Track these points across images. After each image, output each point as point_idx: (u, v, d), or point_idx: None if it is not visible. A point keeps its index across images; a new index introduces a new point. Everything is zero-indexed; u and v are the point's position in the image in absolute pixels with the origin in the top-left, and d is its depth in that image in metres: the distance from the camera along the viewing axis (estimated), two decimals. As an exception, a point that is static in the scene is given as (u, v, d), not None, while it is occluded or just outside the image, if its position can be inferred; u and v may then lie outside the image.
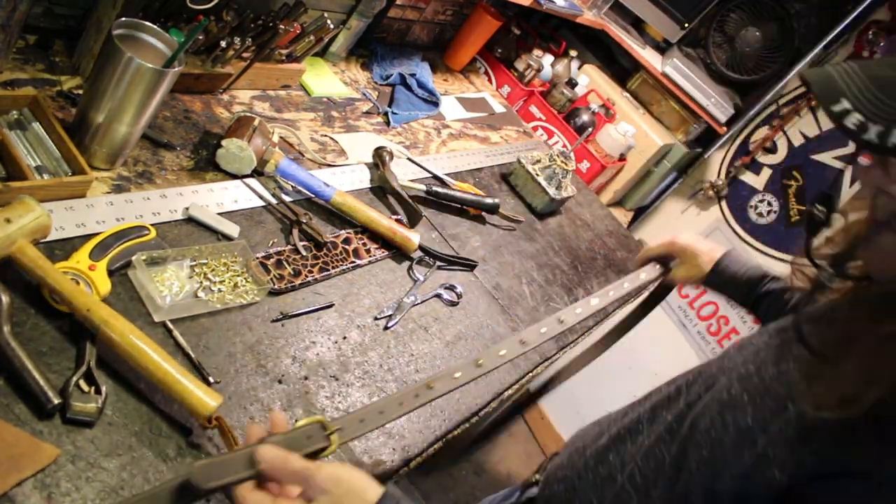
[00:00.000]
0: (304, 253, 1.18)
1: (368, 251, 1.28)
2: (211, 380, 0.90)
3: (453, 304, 1.33)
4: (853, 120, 0.58)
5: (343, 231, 1.29)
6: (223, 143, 1.20)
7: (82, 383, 0.79)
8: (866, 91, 0.58)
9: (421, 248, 1.35)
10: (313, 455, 0.70)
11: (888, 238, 0.64)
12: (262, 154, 1.24)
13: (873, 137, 0.57)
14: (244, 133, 1.22)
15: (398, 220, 1.40)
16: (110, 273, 0.91)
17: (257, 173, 1.25)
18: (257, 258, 1.08)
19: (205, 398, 0.83)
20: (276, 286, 1.07)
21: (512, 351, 0.95)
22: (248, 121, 1.25)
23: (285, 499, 0.65)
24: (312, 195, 1.29)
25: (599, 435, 0.91)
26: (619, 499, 0.82)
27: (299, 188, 1.28)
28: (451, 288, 1.36)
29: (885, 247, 0.65)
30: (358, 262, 1.24)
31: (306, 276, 1.14)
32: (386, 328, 1.18)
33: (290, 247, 1.18)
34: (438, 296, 1.32)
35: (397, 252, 1.33)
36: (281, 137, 1.34)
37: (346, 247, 1.25)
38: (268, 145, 1.24)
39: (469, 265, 1.43)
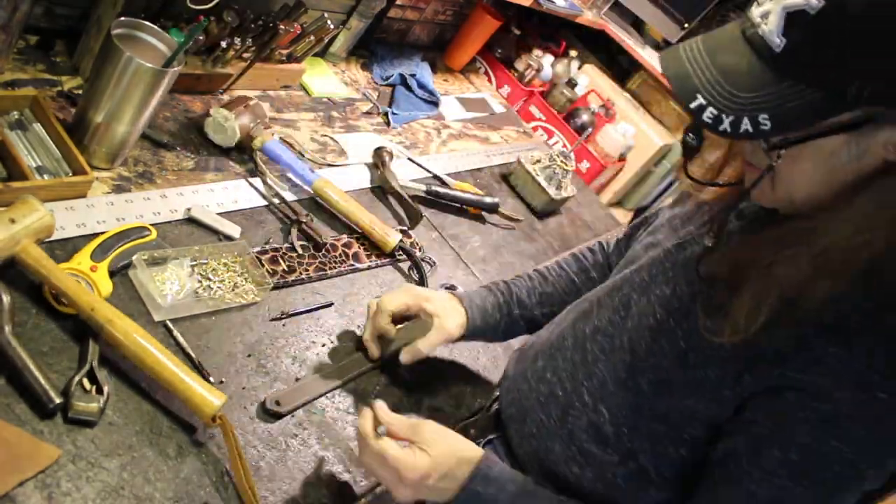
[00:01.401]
0: (300, 252, 1.18)
1: (370, 256, 1.28)
2: (212, 380, 0.91)
3: None
4: (708, 114, 0.64)
5: (344, 235, 1.29)
6: (211, 111, 1.22)
7: (84, 382, 0.79)
8: (717, 84, 0.64)
9: (401, 248, 1.30)
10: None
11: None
12: (248, 130, 1.25)
13: (727, 127, 0.63)
14: (234, 107, 1.24)
15: (401, 226, 1.40)
16: (111, 274, 0.91)
17: (241, 149, 1.27)
18: (251, 253, 1.08)
19: (209, 397, 0.83)
20: (267, 280, 1.06)
21: None
22: (243, 99, 1.27)
23: (407, 451, 0.81)
24: (296, 178, 1.29)
25: (535, 357, 0.99)
26: (570, 415, 0.90)
27: (284, 171, 1.28)
28: (451, 288, 1.36)
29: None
30: (357, 265, 1.24)
31: (301, 273, 1.14)
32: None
33: (287, 245, 1.18)
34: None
35: (398, 259, 1.33)
36: (281, 138, 1.34)
37: (347, 250, 1.25)
38: (257, 124, 1.26)
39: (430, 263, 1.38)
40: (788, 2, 0.61)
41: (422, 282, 1.29)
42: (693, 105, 0.64)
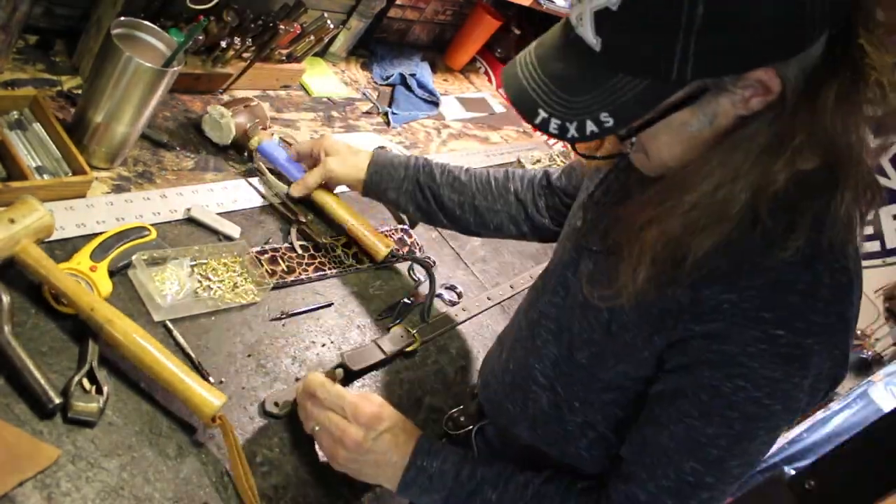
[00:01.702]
0: (300, 252, 1.18)
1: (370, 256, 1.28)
2: (211, 380, 0.90)
3: (454, 303, 1.33)
4: (553, 125, 0.67)
5: (343, 235, 1.28)
6: (208, 108, 1.23)
7: (84, 383, 0.79)
8: (552, 95, 0.67)
9: (393, 255, 1.26)
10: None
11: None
12: (245, 129, 1.25)
13: (574, 133, 0.66)
14: (232, 105, 1.24)
15: (401, 226, 1.40)
16: (111, 274, 0.91)
17: (238, 149, 1.27)
18: (250, 253, 1.08)
19: (209, 397, 0.83)
20: (266, 280, 1.06)
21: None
22: (243, 99, 1.28)
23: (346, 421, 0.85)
24: (291, 181, 1.27)
25: (500, 352, 1.03)
26: (530, 399, 0.93)
27: (278, 170, 1.27)
28: (452, 288, 1.36)
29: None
30: (357, 266, 1.24)
31: (300, 273, 1.14)
32: (389, 329, 1.18)
33: (287, 245, 1.18)
34: (439, 296, 1.32)
35: (398, 259, 1.32)
36: (281, 138, 1.34)
37: (347, 250, 1.25)
38: (255, 124, 1.26)
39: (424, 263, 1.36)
40: (595, 2, 0.63)
41: (431, 284, 1.27)
42: (537, 121, 0.67)
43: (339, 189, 1.33)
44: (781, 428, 0.76)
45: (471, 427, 1.06)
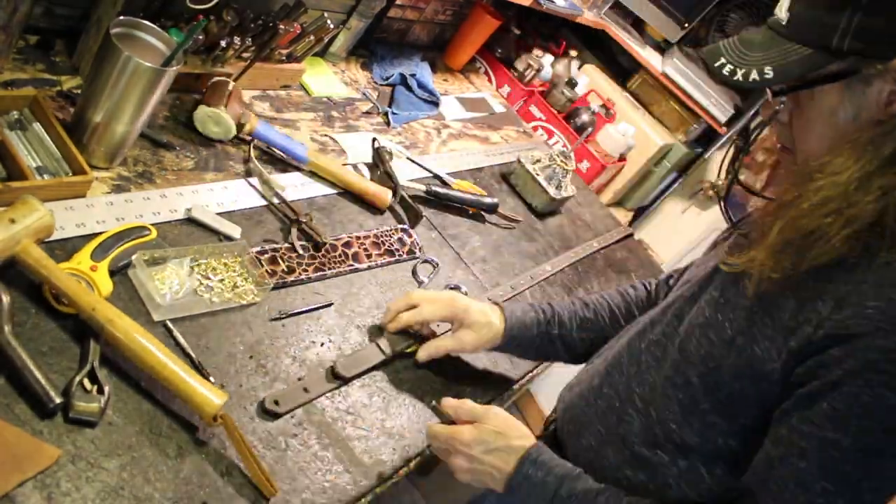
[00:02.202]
0: (300, 252, 1.18)
1: (369, 256, 1.28)
2: (212, 380, 0.90)
3: None
4: (727, 69, 0.81)
5: (344, 234, 1.28)
6: (198, 108, 1.22)
7: (85, 382, 0.79)
8: (735, 49, 0.82)
9: (400, 203, 1.32)
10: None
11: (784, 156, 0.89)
12: (238, 118, 1.25)
13: (739, 78, 0.80)
14: (220, 99, 1.24)
15: (401, 226, 1.40)
16: (111, 273, 0.91)
17: (237, 139, 1.28)
18: (250, 253, 1.08)
19: (210, 396, 0.83)
20: (266, 280, 1.06)
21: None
22: (222, 85, 1.26)
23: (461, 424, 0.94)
24: (289, 157, 1.32)
25: (591, 377, 1.03)
26: (622, 421, 0.94)
27: (275, 150, 1.30)
28: (456, 288, 1.36)
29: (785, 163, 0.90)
30: (357, 265, 1.24)
31: (300, 273, 1.14)
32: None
33: (287, 245, 1.18)
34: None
35: (400, 258, 1.33)
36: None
37: (346, 250, 1.25)
38: (244, 109, 1.27)
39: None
40: None
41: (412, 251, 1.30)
42: (716, 64, 0.81)
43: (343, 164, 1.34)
44: None
45: None
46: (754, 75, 0.78)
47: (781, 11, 0.80)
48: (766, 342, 0.79)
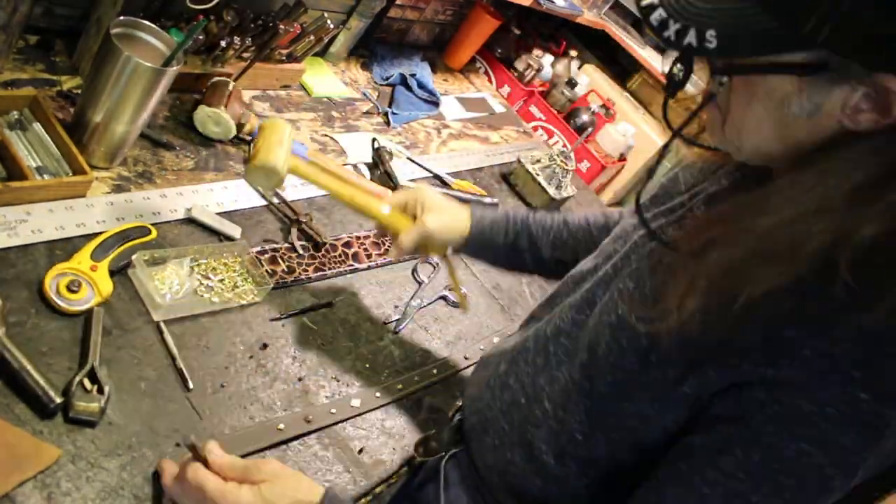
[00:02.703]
0: (300, 252, 1.18)
1: (369, 256, 1.28)
2: (190, 385, 0.89)
3: (457, 305, 1.33)
4: (657, 16, 0.60)
5: (344, 234, 1.28)
6: (198, 108, 1.23)
7: (85, 382, 0.79)
8: None
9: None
10: None
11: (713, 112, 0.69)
12: (238, 118, 1.26)
13: (671, 35, 0.59)
14: (220, 100, 1.24)
15: None
16: (111, 273, 0.91)
17: (237, 139, 1.28)
18: (250, 253, 1.08)
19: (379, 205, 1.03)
20: (266, 280, 1.06)
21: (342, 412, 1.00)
22: (222, 86, 1.26)
23: (233, 483, 0.74)
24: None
25: (498, 363, 0.94)
26: (528, 421, 0.84)
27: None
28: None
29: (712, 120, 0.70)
30: (357, 265, 1.24)
31: (300, 273, 1.14)
32: (395, 332, 1.18)
33: (287, 245, 1.18)
34: (444, 297, 1.32)
35: (400, 259, 1.32)
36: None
37: (346, 250, 1.25)
38: (244, 109, 1.27)
39: None
40: None
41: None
42: (644, 3, 0.61)
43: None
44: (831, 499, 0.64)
45: (443, 454, 0.95)
46: (691, 37, 0.58)
47: None
48: (677, 364, 0.69)
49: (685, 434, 0.70)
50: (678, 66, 0.66)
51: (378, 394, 1.07)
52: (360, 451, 0.98)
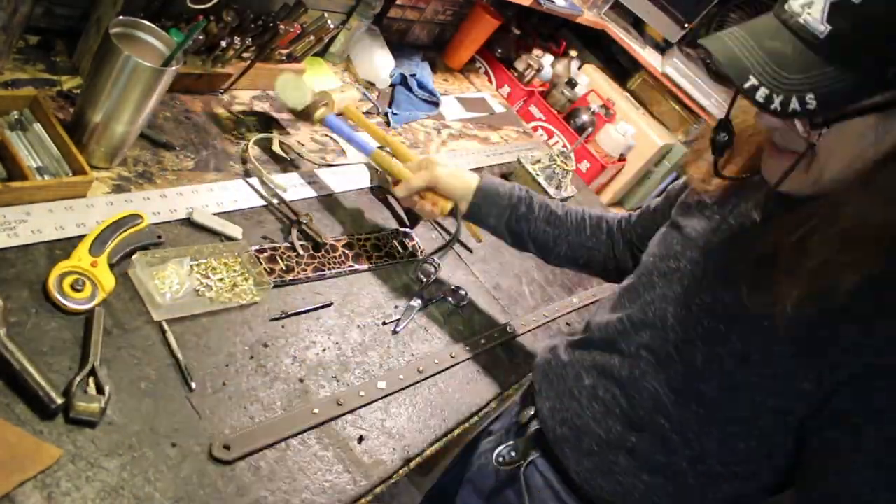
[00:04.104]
0: (300, 252, 1.18)
1: (370, 257, 1.28)
2: (193, 385, 0.89)
3: (458, 306, 1.33)
4: (761, 94, 0.68)
5: (345, 236, 1.28)
6: (284, 72, 1.32)
7: (86, 382, 0.79)
8: (766, 66, 0.69)
9: (453, 211, 1.24)
10: None
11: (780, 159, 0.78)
12: (318, 106, 1.33)
13: (777, 106, 0.68)
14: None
15: (402, 227, 1.40)
16: (111, 266, 0.91)
17: (307, 117, 1.34)
18: (249, 251, 1.08)
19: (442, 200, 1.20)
20: (266, 279, 1.06)
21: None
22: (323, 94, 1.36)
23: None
24: (356, 149, 1.36)
25: (578, 375, 1.00)
26: (629, 427, 0.91)
27: (346, 140, 1.38)
28: (457, 290, 1.36)
29: (774, 166, 0.79)
30: (357, 267, 1.24)
31: (298, 273, 1.14)
32: (395, 332, 1.18)
33: (286, 244, 1.18)
34: (444, 298, 1.32)
35: (399, 260, 1.33)
36: (280, 141, 1.34)
37: (347, 251, 1.25)
38: (326, 102, 1.34)
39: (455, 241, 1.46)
40: None
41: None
42: (746, 86, 0.68)
43: (353, 187, 1.34)
44: None
45: (521, 462, 1.03)
46: (794, 104, 0.67)
47: (814, 20, 0.68)
48: (790, 360, 0.78)
49: (820, 428, 0.79)
50: (722, 134, 0.81)
51: (402, 375, 1.10)
52: (360, 439, 0.98)
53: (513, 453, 1.04)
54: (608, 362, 0.96)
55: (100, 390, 0.80)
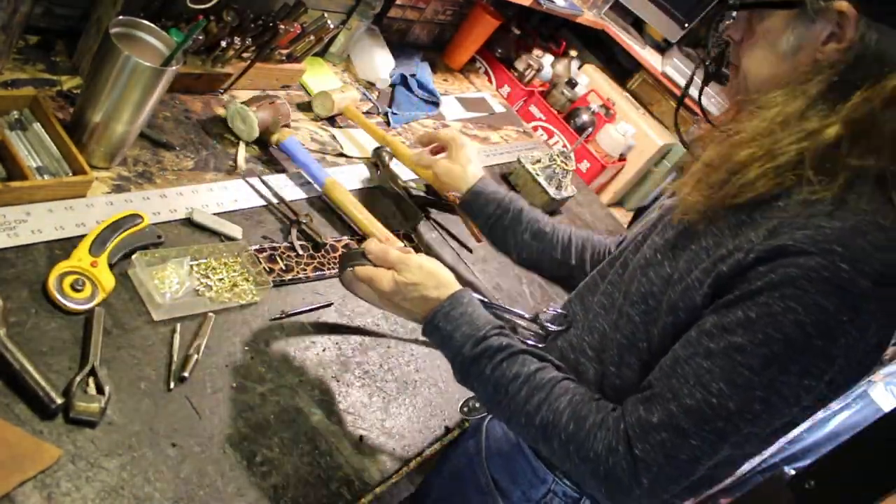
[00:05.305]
0: (299, 252, 1.18)
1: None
2: (185, 375, 0.90)
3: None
4: None
5: (345, 237, 1.28)
6: (233, 101, 1.29)
7: (86, 382, 0.79)
8: None
9: (399, 205, 1.34)
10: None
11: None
12: (267, 125, 1.29)
13: None
14: (256, 102, 1.29)
15: (401, 235, 1.40)
16: (111, 267, 0.91)
17: (262, 144, 1.32)
18: (248, 250, 1.08)
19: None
20: (265, 278, 1.06)
21: None
22: (270, 97, 1.33)
23: (383, 270, 0.94)
24: (308, 177, 1.32)
25: (556, 338, 1.04)
26: (576, 372, 0.95)
27: (298, 168, 1.32)
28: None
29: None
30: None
31: (298, 273, 1.14)
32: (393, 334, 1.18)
33: (286, 244, 1.18)
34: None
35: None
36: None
37: (347, 251, 1.25)
38: (277, 120, 1.31)
39: None
40: None
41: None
42: None
43: (353, 186, 1.34)
44: (809, 386, 0.75)
45: (486, 415, 1.06)
46: None
47: None
48: (697, 272, 0.81)
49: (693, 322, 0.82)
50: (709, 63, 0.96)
51: (402, 375, 1.11)
52: (360, 438, 0.98)
53: (477, 403, 1.05)
54: (574, 319, 1.02)
55: (100, 390, 0.80)
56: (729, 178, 0.80)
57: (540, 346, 1.05)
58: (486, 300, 1.00)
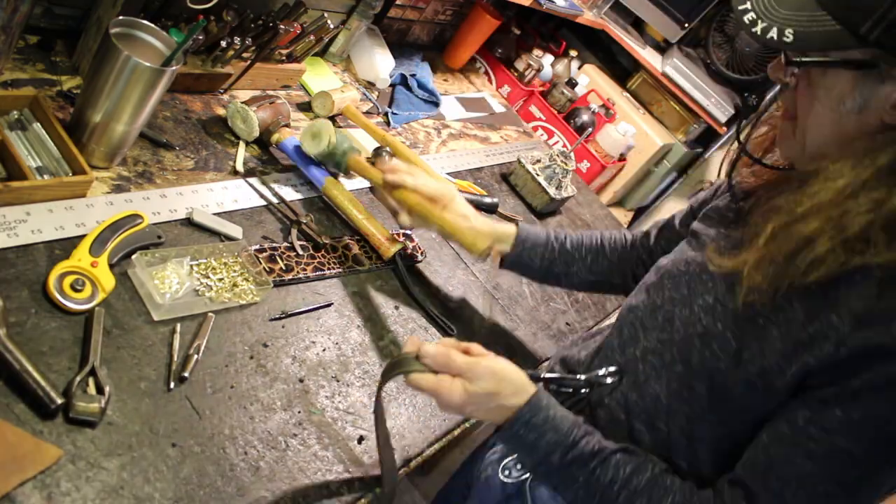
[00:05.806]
0: (300, 252, 1.18)
1: (370, 258, 1.28)
2: (185, 375, 0.90)
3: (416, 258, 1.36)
4: (749, 17, 0.76)
5: (345, 237, 1.28)
6: (234, 101, 1.29)
7: (86, 382, 0.79)
8: (766, 1, 0.76)
9: (399, 254, 1.28)
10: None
11: (788, 125, 0.83)
12: (267, 125, 1.29)
13: (758, 31, 0.75)
14: (256, 102, 1.29)
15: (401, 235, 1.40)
16: (111, 267, 0.91)
17: (262, 144, 1.32)
18: (248, 250, 1.08)
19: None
20: (265, 278, 1.06)
21: None
22: (270, 97, 1.33)
23: (448, 378, 0.85)
24: (309, 177, 1.32)
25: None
26: (631, 439, 0.91)
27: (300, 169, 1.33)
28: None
29: (786, 130, 0.84)
30: (357, 268, 1.24)
31: (298, 273, 1.14)
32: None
33: (286, 244, 1.18)
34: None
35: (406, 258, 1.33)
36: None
37: (347, 252, 1.25)
38: (278, 120, 1.32)
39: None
40: None
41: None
42: (740, 7, 0.76)
43: (353, 186, 1.34)
44: None
45: (527, 476, 1.01)
46: (773, 33, 0.74)
47: None
48: (775, 356, 0.78)
49: (784, 408, 0.79)
50: (753, 97, 0.89)
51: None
52: (360, 439, 0.98)
53: (518, 466, 1.02)
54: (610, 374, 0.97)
55: (100, 390, 0.80)
56: (796, 253, 0.75)
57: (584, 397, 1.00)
58: (553, 376, 0.98)
